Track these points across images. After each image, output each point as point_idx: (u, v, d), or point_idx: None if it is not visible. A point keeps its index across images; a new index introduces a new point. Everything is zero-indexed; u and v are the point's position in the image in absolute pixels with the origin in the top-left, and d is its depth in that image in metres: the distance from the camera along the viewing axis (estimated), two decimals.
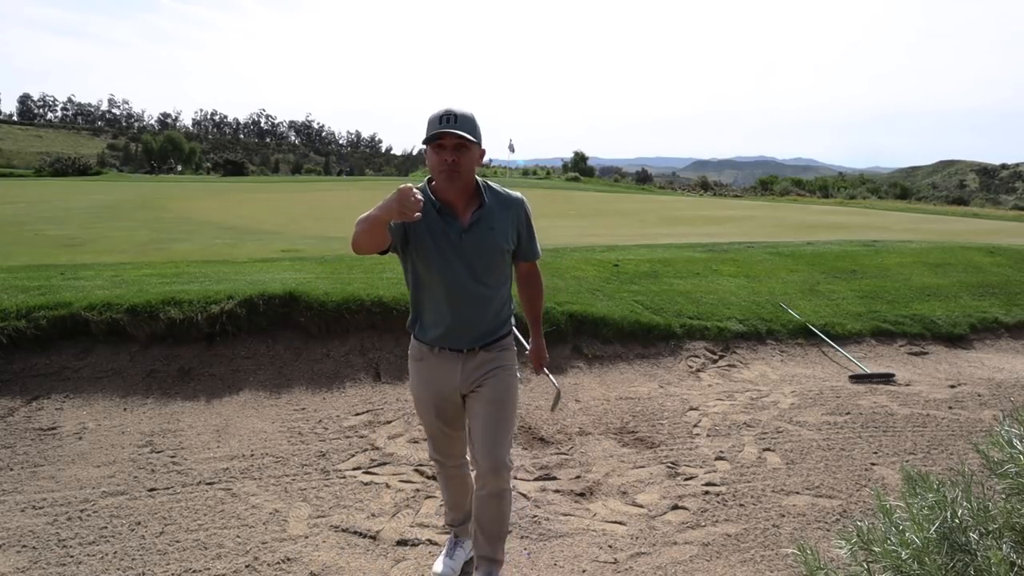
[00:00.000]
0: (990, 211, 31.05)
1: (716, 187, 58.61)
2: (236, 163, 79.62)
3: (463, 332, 2.36)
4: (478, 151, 2.24)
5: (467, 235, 2.28)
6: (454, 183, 2.21)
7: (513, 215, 2.38)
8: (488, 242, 2.30)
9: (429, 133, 2.16)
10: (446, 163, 2.17)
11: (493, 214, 2.31)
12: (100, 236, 10.03)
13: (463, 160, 2.19)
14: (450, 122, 2.14)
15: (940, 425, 4.49)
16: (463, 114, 2.18)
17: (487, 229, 2.30)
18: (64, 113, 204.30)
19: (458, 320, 2.34)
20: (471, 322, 2.35)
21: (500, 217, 2.33)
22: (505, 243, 2.34)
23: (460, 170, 2.20)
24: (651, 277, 7.13)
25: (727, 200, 35.40)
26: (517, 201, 2.40)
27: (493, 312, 2.40)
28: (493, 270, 2.35)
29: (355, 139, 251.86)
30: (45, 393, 4.21)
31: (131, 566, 2.67)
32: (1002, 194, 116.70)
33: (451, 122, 2.14)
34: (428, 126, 2.18)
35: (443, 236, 2.26)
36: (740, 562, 2.85)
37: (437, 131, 2.14)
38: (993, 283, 8.07)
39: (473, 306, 2.34)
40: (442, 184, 2.23)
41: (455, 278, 2.29)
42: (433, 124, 2.16)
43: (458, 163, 2.18)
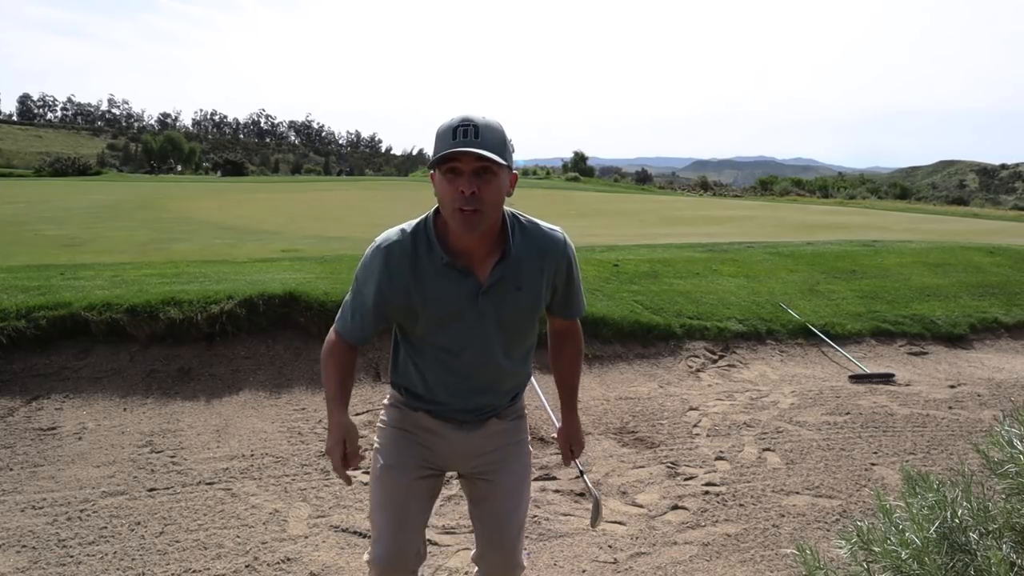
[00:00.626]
0: (990, 211, 31.07)
1: (716, 187, 58.64)
2: (236, 163, 79.67)
3: (472, 405, 1.81)
4: (508, 177, 1.58)
5: (486, 298, 1.66)
6: (474, 228, 1.54)
7: (550, 265, 1.72)
8: (515, 306, 1.70)
9: (439, 151, 1.52)
10: (462, 197, 1.51)
11: (521, 266, 1.67)
12: (100, 236, 10.03)
13: (487, 192, 1.52)
14: (468, 135, 1.49)
15: (940, 425, 4.49)
16: (487, 124, 1.53)
17: (513, 289, 1.68)
18: (64, 113, 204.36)
19: (468, 396, 1.79)
20: (485, 396, 1.81)
21: (531, 269, 1.69)
22: (537, 306, 1.75)
23: (483, 208, 1.53)
24: (651, 277, 7.14)
25: (727, 200, 35.42)
26: (556, 245, 1.73)
27: (514, 383, 1.86)
28: (521, 340, 1.79)
29: (355, 139, 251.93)
30: (45, 393, 4.21)
31: (131, 566, 2.67)
32: (1002, 194, 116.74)
33: (470, 135, 1.49)
34: (437, 141, 1.54)
35: (452, 300, 1.66)
36: (740, 562, 2.85)
37: (450, 150, 1.49)
38: (993, 283, 8.08)
39: (490, 382, 1.79)
40: (456, 227, 1.56)
41: (468, 352, 1.72)
42: (444, 138, 1.52)
43: (480, 197, 1.51)
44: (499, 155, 1.51)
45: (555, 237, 1.74)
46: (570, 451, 2.04)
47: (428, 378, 1.78)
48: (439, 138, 1.55)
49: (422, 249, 1.66)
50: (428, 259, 1.65)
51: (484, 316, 1.68)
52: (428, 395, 1.80)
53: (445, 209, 1.58)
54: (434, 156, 1.54)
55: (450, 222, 1.58)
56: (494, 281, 1.66)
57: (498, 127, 1.55)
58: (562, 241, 1.75)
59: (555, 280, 1.76)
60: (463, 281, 1.65)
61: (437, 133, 1.56)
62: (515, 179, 1.64)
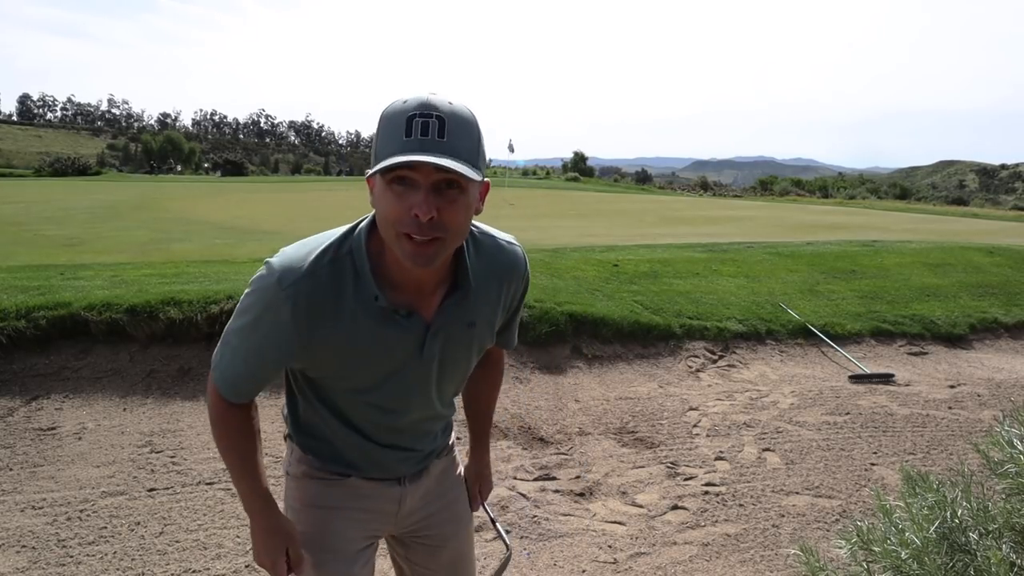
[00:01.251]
0: (990, 211, 31.10)
1: (716, 187, 58.69)
2: (236, 163, 79.67)
3: (411, 458, 1.44)
4: (478, 190, 1.13)
5: (434, 341, 1.25)
6: (429, 263, 1.10)
7: (507, 290, 1.35)
8: (465, 345, 1.32)
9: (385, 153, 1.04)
10: (415, 222, 1.05)
11: (476, 295, 1.27)
12: (100, 236, 10.03)
13: (452, 214, 1.07)
14: (429, 131, 1.03)
15: (940, 425, 4.49)
16: (456, 114, 1.06)
17: (464, 326, 1.28)
18: (64, 113, 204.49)
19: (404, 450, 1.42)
20: (422, 442, 1.45)
21: (486, 298, 1.30)
22: (490, 339, 1.38)
23: (445, 236, 1.08)
24: (651, 277, 7.14)
25: (727, 200, 35.43)
26: (516, 265, 1.34)
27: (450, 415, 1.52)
28: (464, 377, 1.42)
29: (355, 139, 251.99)
30: (45, 393, 4.21)
31: (131, 566, 2.67)
32: (1002, 194, 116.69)
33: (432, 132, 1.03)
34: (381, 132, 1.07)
35: (391, 354, 1.24)
36: (740, 562, 2.85)
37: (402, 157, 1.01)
38: (993, 283, 8.08)
39: (428, 428, 1.44)
40: (404, 258, 1.10)
41: (400, 408, 1.34)
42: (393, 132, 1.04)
43: (442, 222, 1.06)
44: (472, 163, 1.05)
45: (515, 254, 1.33)
46: (479, 495, 1.65)
47: (352, 441, 1.36)
48: (385, 129, 1.06)
49: (346, 284, 1.17)
50: (355, 298, 1.17)
51: (428, 363, 1.28)
52: (353, 458, 1.39)
53: (387, 231, 1.10)
54: (376, 157, 1.06)
55: (394, 249, 1.11)
56: (444, 321, 1.24)
57: (470, 117, 1.08)
58: (523, 260, 1.35)
59: (509, 305, 1.38)
60: (405, 326, 1.21)
61: (382, 119, 1.07)
62: (487, 188, 1.16)
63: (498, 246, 1.32)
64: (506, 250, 1.33)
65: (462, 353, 1.33)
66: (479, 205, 1.16)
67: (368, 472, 1.41)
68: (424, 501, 1.49)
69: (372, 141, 1.11)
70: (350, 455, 1.39)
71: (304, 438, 1.42)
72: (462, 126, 1.06)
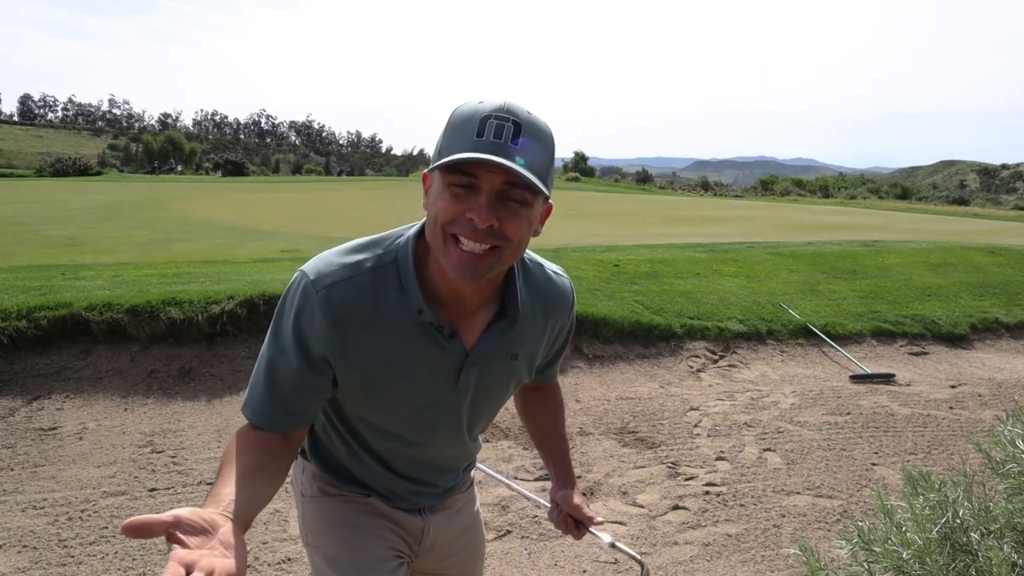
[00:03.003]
0: (991, 211, 31.09)
1: (716, 187, 58.68)
2: (236, 163, 79.73)
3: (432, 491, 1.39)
4: (543, 208, 1.06)
5: (472, 371, 1.16)
6: (479, 276, 1.01)
7: (554, 325, 1.27)
8: (502, 378, 1.23)
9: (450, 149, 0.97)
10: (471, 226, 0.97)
11: (524, 328, 1.20)
12: (101, 236, 10.04)
13: (513, 227, 1.00)
14: (503, 135, 0.96)
15: (941, 425, 4.49)
16: (533, 124, 0.99)
17: (506, 358, 1.19)
18: (64, 113, 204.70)
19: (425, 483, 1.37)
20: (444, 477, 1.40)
21: (532, 330, 1.22)
22: (527, 375, 1.29)
23: (504, 248, 1.01)
24: (651, 277, 7.14)
25: (728, 200, 35.42)
26: (564, 299, 1.27)
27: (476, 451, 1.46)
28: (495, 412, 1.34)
29: (355, 139, 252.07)
30: (46, 393, 4.21)
31: (132, 566, 2.67)
32: (1003, 194, 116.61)
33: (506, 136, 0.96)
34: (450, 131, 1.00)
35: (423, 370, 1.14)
36: (741, 562, 2.85)
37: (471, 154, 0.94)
38: (994, 283, 8.08)
39: (453, 462, 1.40)
40: (451, 268, 1.01)
41: (426, 441, 1.27)
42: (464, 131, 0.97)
43: (503, 231, 0.99)
44: (542, 179, 0.99)
45: (564, 287, 1.27)
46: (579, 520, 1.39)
47: (374, 469, 1.30)
48: (455, 127, 0.99)
49: (387, 294, 1.08)
50: (396, 310, 1.08)
51: (462, 395, 1.18)
52: (373, 485, 1.33)
53: (435, 234, 1.01)
54: (440, 153, 0.98)
55: (440, 257, 1.02)
56: (486, 349, 1.15)
57: (547, 131, 1.01)
58: (571, 294, 1.29)
59: (553, 343, 1.30)
60: (446, 349, 1.12)
61: (452, 119, 1.00)
62: (549, 211, 1.08)
63: (548, 277, 1.24)
64: (555, 282, 1.25)
65: (499, 388, 1.24)
66: (539, 227, 1.07)
67: (388, 500, 1.35)
68: (447, 538, 1.44)
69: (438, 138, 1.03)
70: (370, 482, 1.32)
71: (321, 459, 1.35)
72: (538, 137, 0.99)
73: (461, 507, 1.47)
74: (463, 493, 1.49)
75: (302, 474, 1.39)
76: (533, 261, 1.24)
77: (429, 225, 1.03)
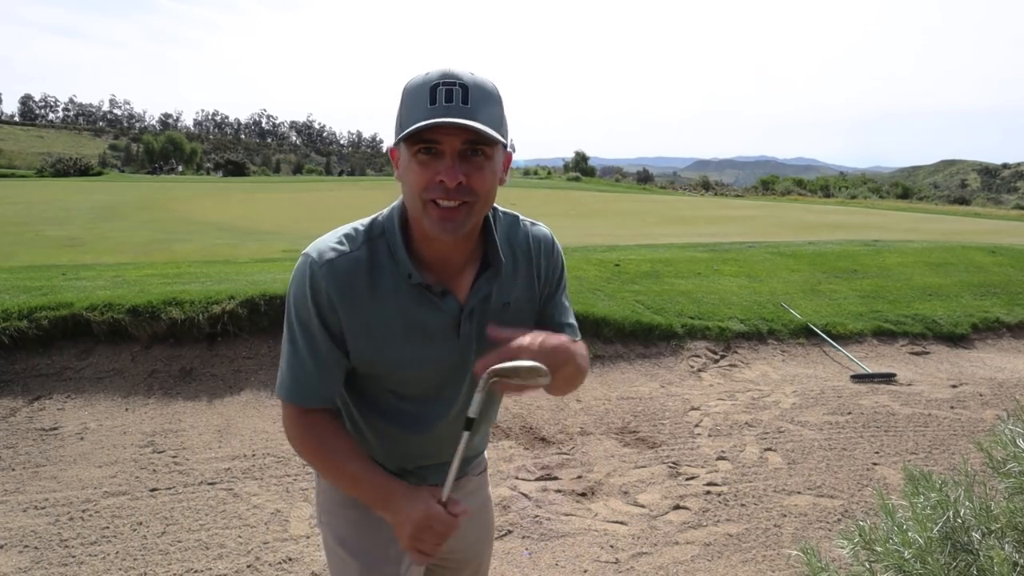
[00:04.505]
0: (992, 211, 31.09)
1: (717, 187, 58.68)
2: (237, 163, 79.76)
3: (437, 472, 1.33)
4: (504, 157, 1.16)
5: (469, 323, 1.23)
6: (457, 230, 1.11)
7: (539, 267, 1.31)
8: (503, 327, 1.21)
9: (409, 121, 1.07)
10: (442, 188, 1.07)
11: (508, 273, 1.26)
12: (101, 236, 10.04)
13: (479, 180, 1.09)
14: (453, 98, 1.05)
15: (942, 425, 4.48)
16: (478, 83, 1.08)
17: (500, 306, 1.25)
18: (65, 114, 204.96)
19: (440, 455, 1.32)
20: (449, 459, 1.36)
21: (519, 276, 1.28)
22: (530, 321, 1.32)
23: (474, 202, 1.11)
24: (652, 277, 7.13)
25: (728, 200, 35.42)
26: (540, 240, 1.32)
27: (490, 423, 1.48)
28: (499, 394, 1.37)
29: (356, 139, 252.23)
30: (47, 393, 4.21)
31: (133, 566, 2.67)
32: (1004, 194, 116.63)
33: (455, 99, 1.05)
34: (405, 104, 1.10)
35: (425, 331, 1.21)
36: (741, 562, 2.85)
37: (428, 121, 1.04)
38: (995, 283, 8.07)
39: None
40: (431, 228, 1.11)
41: (443, 400, 1.29)
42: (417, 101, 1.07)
43: (471, 187, 1.09)
44: (496, 129, 1.08)
45: (539, 233, 1.33)
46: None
47: (390, 440, 1.33)
48: (409, 100, 1.08)
49: (382, 264, 1.18)
50: (391, 278, 1.18)
51: (466, 349, 1.23)
52: (390, 462, 1.33)
53: (414, 203, 1.12)
54: (401, 126, 1.08)
55: (421, 220, 1.12)
56: (479, 300, 1.22)
57: (492, 87, 1.11)
58: (549, 236, 1.35)
59: (545, 283, 1.33)
60: (440, 307, 1.20)
61: (405, 92, 1.10)
62: (509, 159, 1.19)
63: (523, 227, 1.32)
64: (531, 231, 1.32)
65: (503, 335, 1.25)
66: (503, 176, 1.17)
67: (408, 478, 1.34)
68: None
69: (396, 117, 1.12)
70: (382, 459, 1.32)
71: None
72: (485, 94, 1.09)
73: (472, 490, 1.48)
74: (476, 476, 1.50)
75: None
76: (507, 214, 1.31)
77: (407, 195, 1.15)
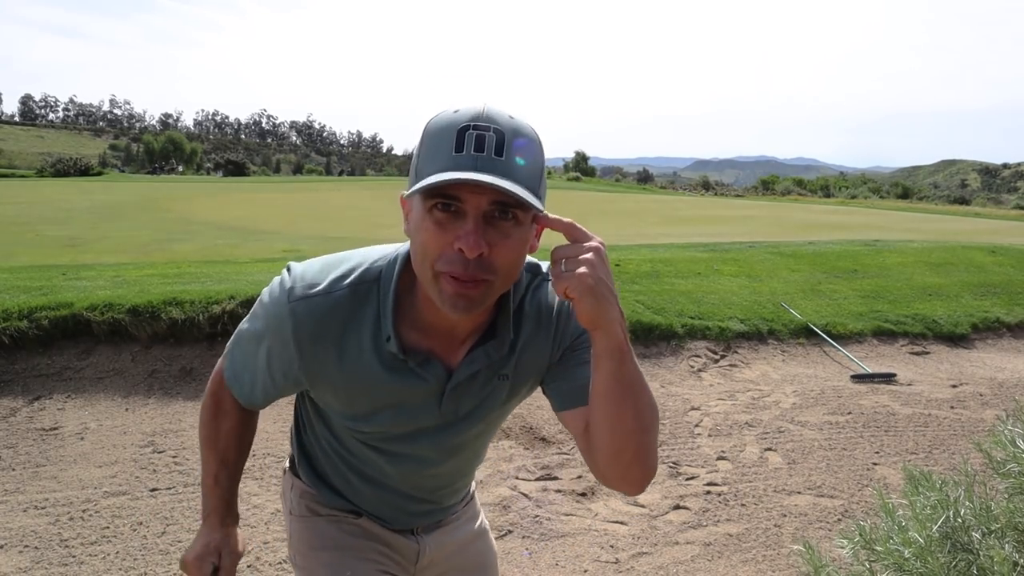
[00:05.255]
0: (992, 211, 31.09)
1: (717, 187, 58.68)
2: (237, 163, 79.76)
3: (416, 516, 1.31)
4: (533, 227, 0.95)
5: (452, 394, 1.07)
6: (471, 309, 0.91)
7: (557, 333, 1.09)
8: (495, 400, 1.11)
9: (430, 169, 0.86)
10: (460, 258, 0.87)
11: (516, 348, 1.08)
12: (102, 236, 10.04)
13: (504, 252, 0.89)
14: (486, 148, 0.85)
15: (942, 425, 4.48)
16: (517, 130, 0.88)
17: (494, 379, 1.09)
18: (66, 114, 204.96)
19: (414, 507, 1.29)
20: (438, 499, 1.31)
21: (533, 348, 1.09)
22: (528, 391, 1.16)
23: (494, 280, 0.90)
24: (652, 277, 7.13)
25: (728, 200, 35.41)
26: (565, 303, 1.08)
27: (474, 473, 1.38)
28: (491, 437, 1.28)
29: (356, 139, 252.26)
30: (47, 393, 4.21)
31: (133, 566, 2.67)
32: (1004, 193, 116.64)
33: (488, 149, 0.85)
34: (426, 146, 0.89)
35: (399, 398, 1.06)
36: (742, 562, 2.85)
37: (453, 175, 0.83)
38: (995, 283, 8.07)
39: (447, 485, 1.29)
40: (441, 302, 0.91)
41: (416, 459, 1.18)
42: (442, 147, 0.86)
43: (492, 261, 0.89)
44: (533, 191, 0.88)
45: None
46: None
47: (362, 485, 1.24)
48: (430, 142, 0.88)
49: (362, 314, 1.01)
50: (367, 333, 1.01)
51: (450, 420, 1.10)
52: (362, 503, 1.27)
53: (423, 268, 0.91)
54: (418, 175, 0.88)
55: (428, 289, 0.92)
56: (468, 374, 1.05)
57: (534, 137, 0.90)
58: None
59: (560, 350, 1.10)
60: (419, 375, 1.03)
61: (427, 131, 0.90)
62: (544, 226, 0.95)
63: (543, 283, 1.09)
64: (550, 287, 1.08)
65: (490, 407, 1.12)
66: (535, 243, 0.97)
67: (380, 519, 1.28)
68: (447, 554, 1.36)
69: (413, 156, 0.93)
70: (358, 500, 1.26)
71: (310, 475, 1.29)
72: (524, 145, 0.88)
73: (460, 524, 1.38)
74: (461, 509, 1.39)
75: (291, 491, 1.32)
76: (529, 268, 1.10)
77: (415, 258, 0.93)
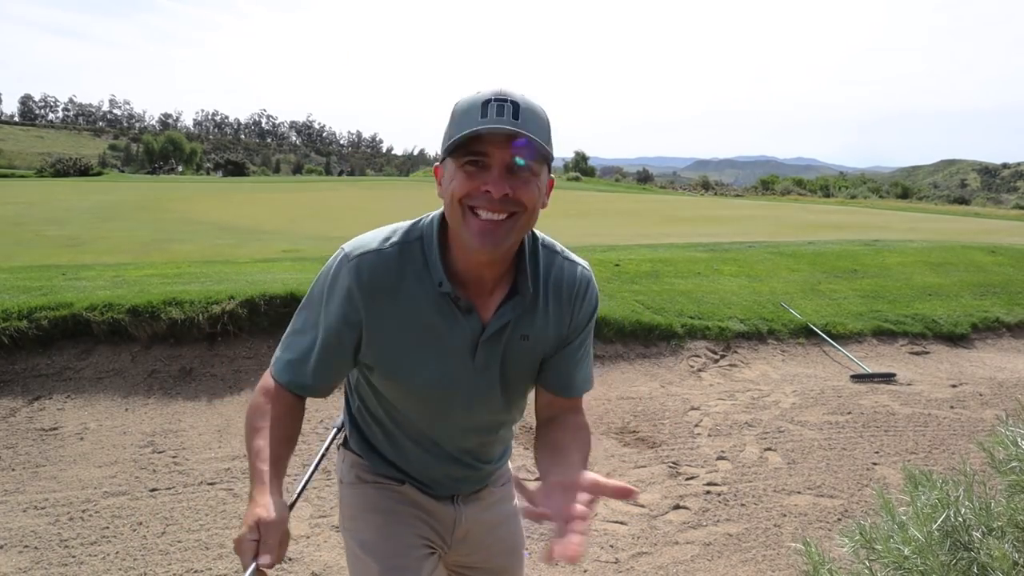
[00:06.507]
0: (991, 210, 31.09)
1: (717, 187, 58.68)
2: (237, 163, 79.76)
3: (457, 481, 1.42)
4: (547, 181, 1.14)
5: (485, 348, 1.22)
6: (498, 244, 1.09)
7: (567, 312, 1.27)
8: (518, 360, 1.26)
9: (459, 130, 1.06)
10: (487, 197, 1.06)
11: (536, 309, 1.23)
12: (101, 236, 10.04)
13: (525, 193, 1.08)
14: (504, 113, 1.04)
15: (942, 424, 4.48)
16: (529, 105, 1.08)
17: (518, 339, 1.24)
18: (65, 114, 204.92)
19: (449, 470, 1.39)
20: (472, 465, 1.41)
21: (544, 312, 1.25)
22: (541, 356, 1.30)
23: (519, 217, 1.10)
24: (652, 277, 7.13)
25: (728, 200, 35.40)
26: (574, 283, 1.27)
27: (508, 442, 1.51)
28: (518, 400, 1.36)
29: (356, 139, 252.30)
30: (47, 393, 4.21)
31: (133, 566, 2.67)
32: (1003, 193, 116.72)
33: (506, 113, 1.04)
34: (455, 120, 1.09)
35: (443, 344, 1.21)
36: (741, 562, 2.85)
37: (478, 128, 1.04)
38: (994, 282, 8.07)
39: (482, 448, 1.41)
40: (470, 239, 1.09)
41: (452, 413, 1.29)
42: (468, 115, 1.06)
43: (518, 198, 1.07)
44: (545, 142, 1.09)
45: (576, 274, 1.27)
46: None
47: (402, 445, 1.36)
48: (459, 115, 1.08)
49: (412, 268, 1.18)
50: (418, 283, 1.18)
51: (481, 371, 1.24)
52: (407, 468, 1.39)
53: (454, 210, 1.09)
54: (450, 138, 1.07)
55: (460, 231, 1.10)
56: (499, 326, 1.20)
57: (542, 112, 1.10)
58: (587, 282, 1.28)
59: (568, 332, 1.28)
60: (463, 323, 1.19)
61: (455, 111, 1.09)
62: (552, 185, 1.16)
63: (561, 261, 1.27)
64: (567, 268, 1.27)
65: (517, 367, 1.27)
66: (545, 199, 1.15)
67: (422, 484, 1.40)
68: (481, 532, 1.47)
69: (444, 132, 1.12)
70: (404, 464, 1.38)
71: (360, 444, 1.42)
72: (536, 114, 1.09)
73: (495, 502, 1.50)
74: (498, 488, 1.52)
75: (342, 462, 1.47)
76: (546, 244, 1.28)
77: (447, 204, 1.12)
